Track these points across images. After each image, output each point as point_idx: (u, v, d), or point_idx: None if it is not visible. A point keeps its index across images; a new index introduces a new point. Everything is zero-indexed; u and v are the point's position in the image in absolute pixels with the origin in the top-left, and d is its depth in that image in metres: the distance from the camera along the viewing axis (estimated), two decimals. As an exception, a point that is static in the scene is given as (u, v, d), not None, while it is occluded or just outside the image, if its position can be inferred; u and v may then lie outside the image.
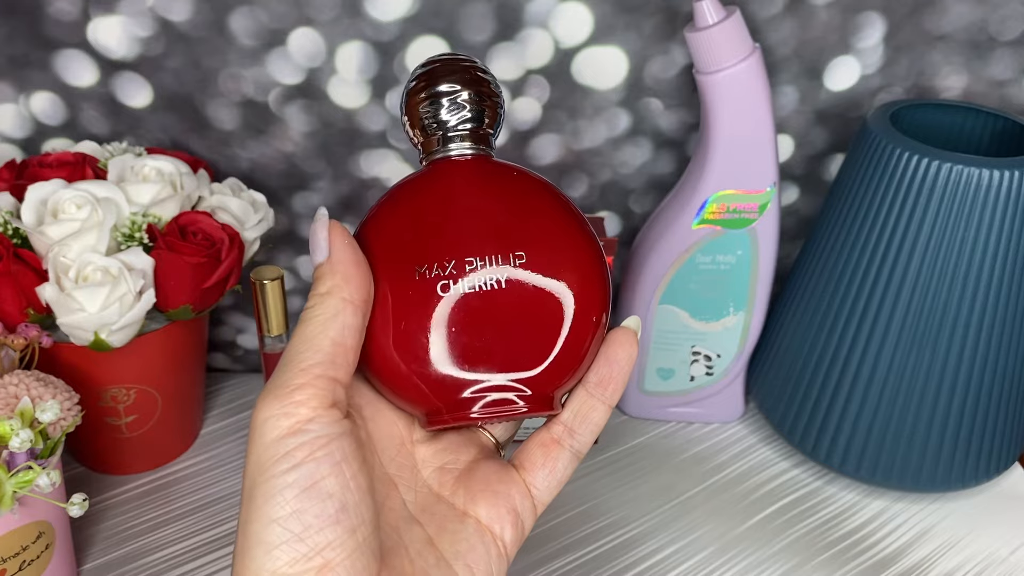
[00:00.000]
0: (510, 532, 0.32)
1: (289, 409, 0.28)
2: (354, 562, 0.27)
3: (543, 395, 0.31)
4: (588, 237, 0.32)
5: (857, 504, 0.55)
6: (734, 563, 0.51)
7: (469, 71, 0.32)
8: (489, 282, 0.30)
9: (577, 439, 0.32)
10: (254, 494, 0.27)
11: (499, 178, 0.32)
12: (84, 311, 0.45)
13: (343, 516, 0.27)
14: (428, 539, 0.31)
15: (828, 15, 0.53)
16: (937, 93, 0.56)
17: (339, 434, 0.28)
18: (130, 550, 0.51)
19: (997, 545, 0.53)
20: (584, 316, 0.31)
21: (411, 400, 0.31)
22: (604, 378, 0.32)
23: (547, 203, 0.32)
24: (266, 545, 0.27)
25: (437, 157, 0.32)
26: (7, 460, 0.40)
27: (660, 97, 0.56)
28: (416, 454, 0.33)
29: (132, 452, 0.54)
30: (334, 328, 0.29)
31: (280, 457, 0.27)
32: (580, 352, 0.31)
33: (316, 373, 0.28)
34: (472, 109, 0.32)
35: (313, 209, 0.59)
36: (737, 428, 0.61)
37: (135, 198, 0.49)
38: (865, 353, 0.51)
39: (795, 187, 0.60)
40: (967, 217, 0.47)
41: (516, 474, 0.33)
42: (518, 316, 0.30)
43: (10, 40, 0.53)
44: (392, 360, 0.30)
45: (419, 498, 0.32)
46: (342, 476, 0.28)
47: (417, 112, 0.32)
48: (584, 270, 0.31)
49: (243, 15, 0.52)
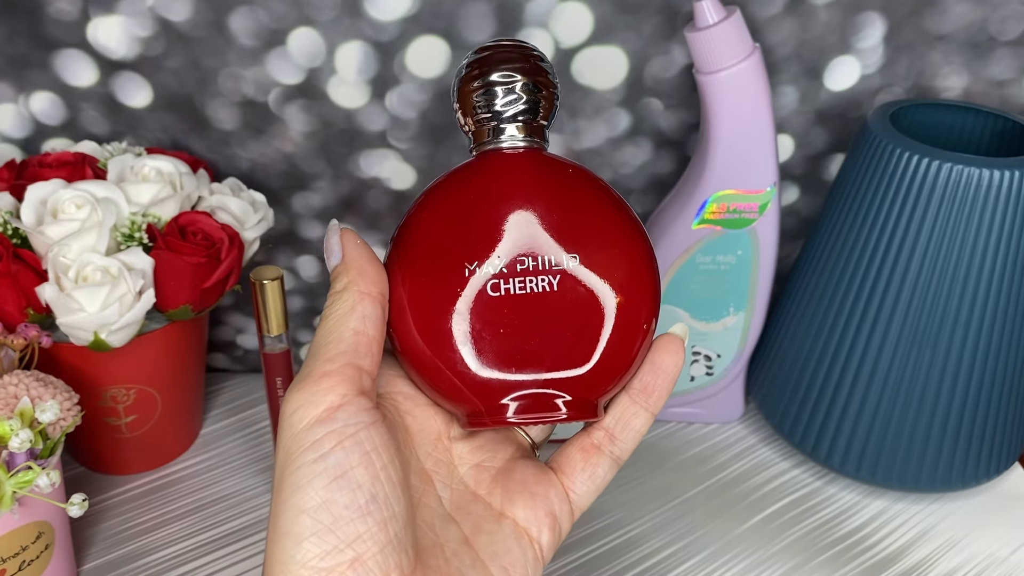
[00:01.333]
0: (547, 536, 0.31)
1: (317, 398, 0.27)
2: (386, 557, 0.27)
3: (587, 401, 0.30)
4: (642, 240, 0.31)
5: (857, 504, 0.55)
6: (734, 563, 0.51)
7: (527, 58, 0.30)
8: (541, 284, 0.29)
9: (618, 445, 0.32)
10: (283, 484, 0.27)
11: (553, 173, 0.31)
12: (84, 311, 0.45)
13: (373, 507, 0.27)
14: (464, 538, 0.30)
15: (828, 15, 0.53)
16: (937, 93, 0.56)
17: (368, 423, 0.27)
18: (130, 550, 0.51)
19: (997, 545, 0.53)
20: (633, 322, 0.30)
21: (453, 399, 0.30)
22: (648, 385, 0.31)
23: (602, 203, 0.31)
24: (295, 536, 0.26)
25: (488, 148, 0.31)
26: (7, 460, 0.40)
27: (660, 97, 0.56)
28: (453, 450, 0.32)
29: (132, 452, 0.54)
30: (354, 319, 0.29)
31: (308, 446, 0.27)
32: (627, 359, 0.30)
33: (342, 362, 0.28)
34: (528, 99, 0.30)
35: (313, 209, 0.59)
36: (737, 428, 0.61)
37: (135, 198, 0.49)
38: (865, 353, 0.51)
39: (795, 187, 0.60)
40: (967, 217, 0.47)
41: (555, 477, 0.32)
42: (567, 319, 0.29)
43: (10, 40, 0.53)
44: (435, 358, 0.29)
45: (455, 496, 0.31)
46: (372, 466, 0.27)
47: (470, 99, 0.31)
48: (636, 275, 0.30)
49: (243, 15, 0.52)
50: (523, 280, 0.29)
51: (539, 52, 0.31)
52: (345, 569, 0.26)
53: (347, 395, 0.27)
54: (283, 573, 0.26)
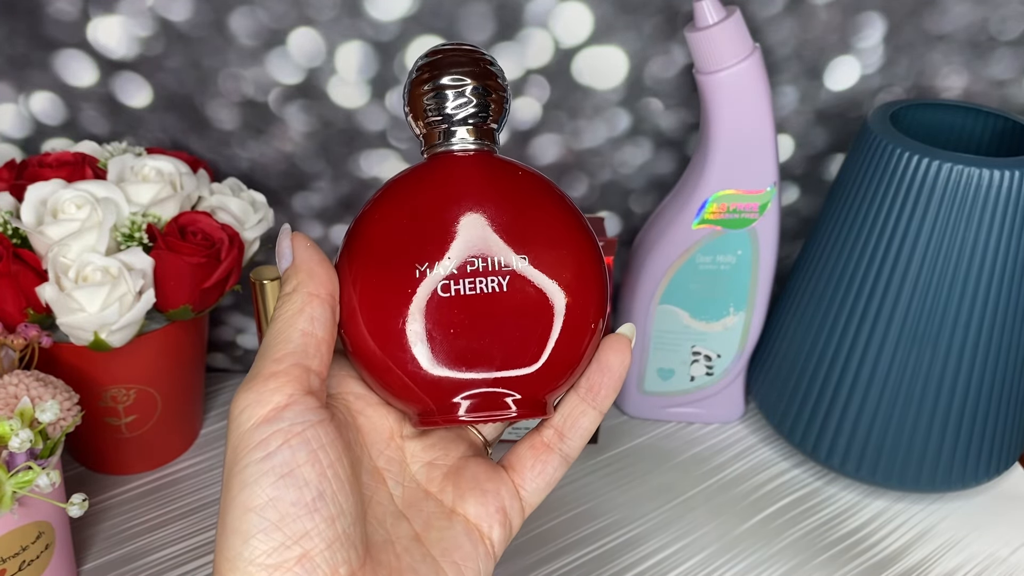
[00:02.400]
0: (498, 531, 0.32)
1: (264, 397, 0.28)
2: (334, 553, 0.27)
3: (536, 400, 0.31)
4: (590, 241, 0.31)
5: (857, 504, 0.55)
6: (734, 563, 0.51)
7: (477, 62, 0.31)
8: (491, 284, 0.30)
9: (567, 443, 0.32)
10: (231, 483, 0.27)
11: (503, 175, 0.31)
12: (84, 311, 0.45)
13: (320, 504, 0.27)
14: (415, 535, 0.31)
15: (828, 15, 0.53)
16: (937, 93, 0.56)
17: (316, 421, 0.28)
18: (130, 550, 0.51)
19: (997, 545, 0.53)
20: (582, 322, 0.30)
21: (403, 399, 0.31)
22: (595, 384, 0.32)
23: (550, 204, 0.31)
24: (242, 534, 0.27)
25: (439, 150, 0.31)
26: (7, 460, 0.40)
27: (660, 97, 0.56)
28: (405, 448, 0.32)
29: (132, 452, 0.54)
30: (302, 320, 0.29)
31: (255, 445, 0.27)
32: (575, 358, 0.31)
33: (290, 362, 0.28)
34: (478, 102, 0.31)
35: (313, 209, 0.59)
36: (737, 428, 0.61)
37: (135, 198, 0.49)
38: (865, 353, 0.51)
39: (795, 187, 0.60)
40: (967, 217, 0.47)
41: (505, 474, 0.33)
42: (516, 319, 0.30)
43: (10, 40, 0.53)
44: (386, 358, 0.30)
45: (407, 493, 0.32)
46: (319, 464, 0.27)
47: (420, 102, 0.31)
48: (585, 275, 0.31)
49: (243, 15, 0.52)
50: (473, 281, 0.30)
51: (489, 56, 0.32)
52: (292, 565, 0.26)
53: (294, 395, 0.28)
54: (232, 570, 0.27)
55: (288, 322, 0.29)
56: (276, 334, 0.29)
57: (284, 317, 0.29)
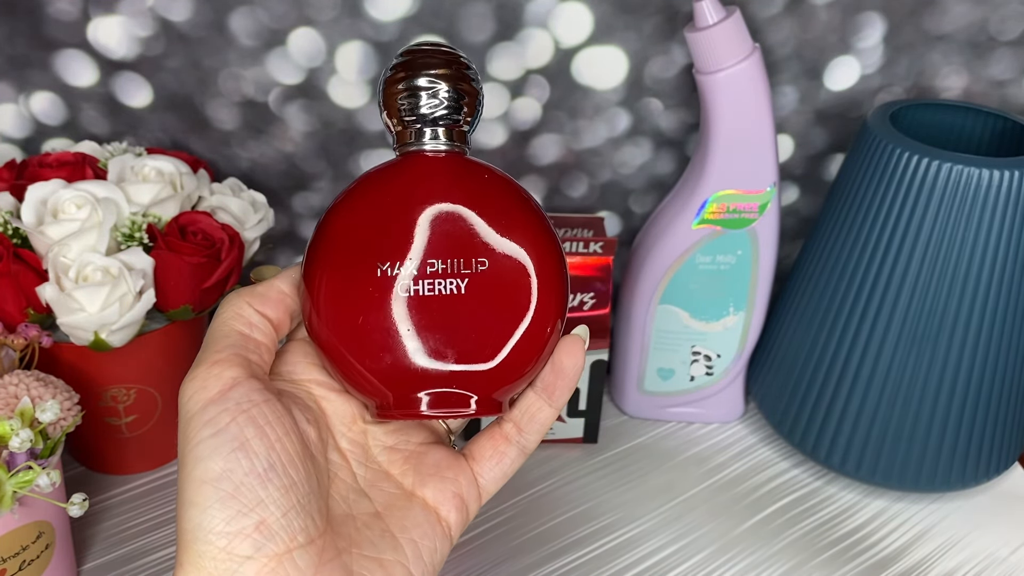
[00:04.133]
0: (455, 515, 0.33)
1: (209, 383, 0.29)
2: (290, 520, 0.28)
3: (490, 399, 0.31)
4: (552, 246, 0.32)
5: (857, 504, 0.55)
6: (734, 563, 0.51)
7: (451, 64, 0.31)
8: (449, 286, 0.30)
9: (524, 436, 0.34)
10: (185, 461, 0.28)
11: (470, 178, 0.32)
12: (84, 311, 0.45)
13: (272, 475, 0.28)
14: (376, 513, 0.32)
15: (828, 15, 0.53)
16: (937, 93, 0.56)
17: (261, 401, 0.29)
18: (130, 550, 0.51)
19: (997, 545, 0.53)
20: (539, 326, 0.31)
21: (362, 391, 0.31)
22: (550, 385, 0.33)
23: (515, 208, 0.32)
24: (199, 506, 0.28)
25: (410, 150, 0.32)
26: (7, 460, 0.40)
27: (660, 97, 0.56)
28: (368, 432, 0.34)
29: (132, 452, 0.54)
30: (240, 324, 0.31)
31: (204, 424, 0.28)
32: (530, 360, 0.31)
33: (231, 352, 0.30)
34: (450, 103, 0.31)
35: (313, 209, 0.59)
36: (737, 428, 0.61)
37: (135, 198, 0.49)
38: (865, 353, 0.51)
39: (795, 187, 0.60)
40: (967, 217, 0.47)
41: (465, 463, 0.34)
42: (474, 321, 0.30)
43: (10, 40, 0.53)
44: (347, 353, 0.31)
45: (369, 474, 0.33)
46: (267, 438, 0.29)
47: (394, 101, 0.31)
48: (545, 280, 0.31)
49: (243, 15, 0.52)
50: (432, 283, 0.30)
51: (465, 58, 0.32)
52: (251, 532, 0.28)
53: (238, 377, 0.29)
54: (193, 541, 0.28)
55: (226, 323, 0.31)
56: (215, 332, 0.31)
57: (222, 319, 0.31)
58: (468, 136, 0.33)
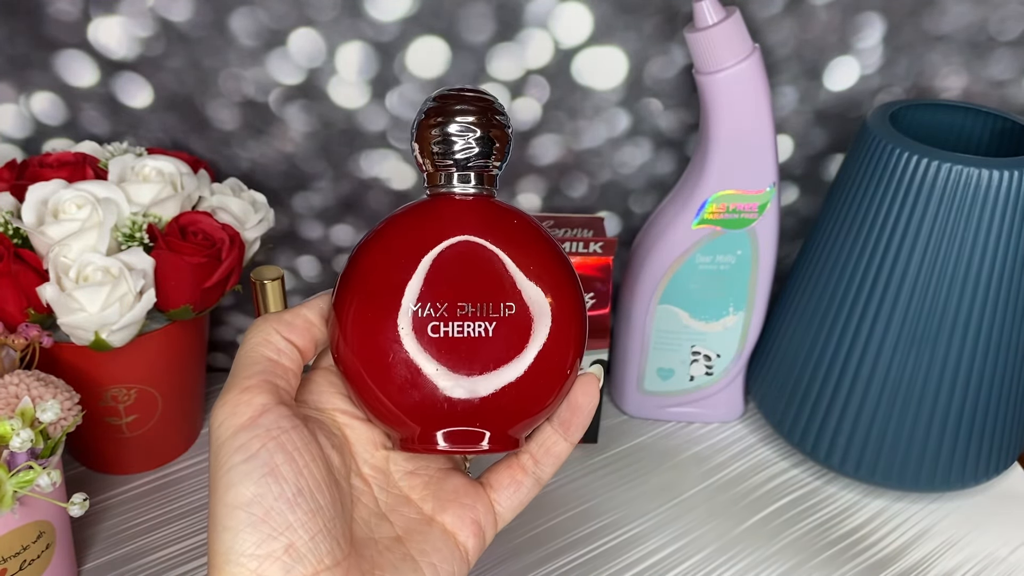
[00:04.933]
0: (473, 541, 0.34)
1: (240, 409, 0.30)
2: (317, 544, 0.29)
3: (508, 435, 0.33)
4: (575, 290, 0.33)
5: (857, 504, 0.55)
6: (734, 563, 0.51)
7: (485, 112, 0.32)
8: (477, 329, 0.31)
9: (540, 468, 0.35)
10: (217, 486, 0.29)
11: (499, 223, 0.33)
12: (84, 311, 0.45)
13: (301, 500, 0.29)
14: (397, 537, 0.33)
15: (828, 15, 0.53)
16: (937, 93, 0.56)
17: (290, 427, 0.30)
18: (130, 550, 0.51)
19: (997, 545, 0.53)
20: (558, 367, 0.32)
21: (389, 424, 0.33)
22: (566, 421, 0.34)
23: (541, 253, 0.33)
24: (232, 530, 0.29)
25: (441, 191, 0.33)
26: (8, 460, 0.40)
27: (660, 97, 0.56)
28: (389, 458, 0.35)
29: (132, 452, 0.54)
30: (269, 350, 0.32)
31: (236, 450, 0.29)
32: (549, 399, 0.33)
33: (260, 379, 0.31)
34: (482, 150, 0.32)
35: (313, 209, 0.59)
36: (737, 428, 0.61)
37: (135, 198, 0.49)
38: (865, 353, 0.51)
39: (795, 187, 0.60)
40: (967, 217, 0.47)
41: (483, 491, 0.35)
42: (498, 362, 0.32)
43: (10, 40, 0.53)
44: (375, 387, 0.32)
45: (390, 499, 0.34)
46: (295, 464, 0.30)
47: (428, 145, 0.32)
48: (567, 324, 0.32)
49: (243, 15, 0.52)
50: (461, 325, 0.31)
51: (497, 104, 0.33)
52: (281, 555, 0.28)
53: (267, 404, 0.30)
54: (225, 563, 0.29)
55: (254, 349, 0.32)
56: (243, 358, 0.32)
57: (250, 344, 0.32)
58: (497, 179, 0.34)
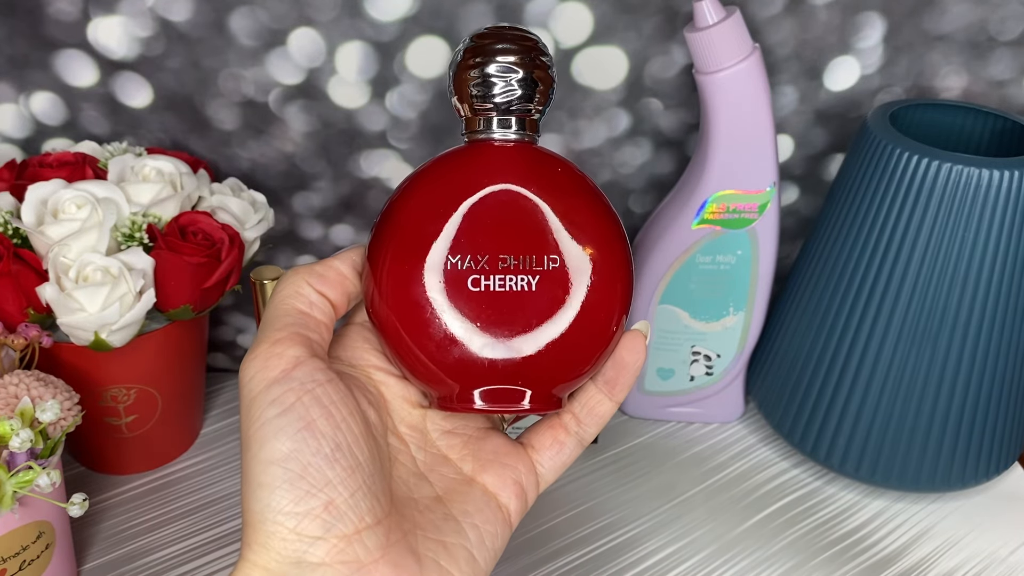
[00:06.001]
0: (515, 503, 0.33)
1: (271, 362, 0.29)
2: (357, 501, 0.28)
3: (551, 395, 0.31)
4: (622, 243, 0.31)
5: (857, 504, 0.55)
6: (734, 563, 0.51)
7: (528, 51, 0.30)
8: (520, 283, 0.30)
9: (583, 428, 0.34)
10: (250, 443, 0.28)
11: (542, 170, 0.31)
12: (84, 311, 0.45)
13: (339, 455, 0.28)
14: (437, 497, 0.32)
15: (828, 15, 0.53)
16: (937, 93, 0.56)
17: (325, 380, 0.29)
18: (130, 550, 0.51)
19: (997, 545, 0.53)
20: (603, 324, 0.31)
21: (425, 381, 0.31)
22: (611, 379, 0.33)
23: (587, 203, 0.31)
24: (268, 487, 0.27)
25: (480, 138, 0.31)
26: (7, 460, 0.40)
27: (660, 97, 0.56)
28: (426, 416, 0.33)
29: (132, 452, 0.54)
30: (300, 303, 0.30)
31: (269, 404, 0.28)
32: (594, 357, 0.31)
33: (292, 331, 0.29)
34: (523, 93, 0.30)
35: (313, 209, 0.59)
36: (737, 428, 0.61)
37: (135, 198, 0.49)
38: (865, 353, 0.51)
39: (795, 187, 0.60)
40: (967, 217, 0.47)
41: (524, 452, 0.34)
42: (541, 318, 0.30)
43: (10, 40, 0.53)
44: (412, 344, 0.30)
45: (428, 458, 0.33)
46: (332, 419, 0.28)
47: (466, 87, 0.30)
48: (612, 279, 0.31)
49: (243, 15, 0.52)
50: (503, 278, 0.30)
51: (541, 44, 0.31)
52: (320, 512, 0.27)
53: (301, 356, 0.29)
54: (261, 522, 0.27)
55: (285, 301, 0.30)
56: (274, 310, 0.30)
57: (281, 296, 0.30)
58: (538, 124, 0.32)
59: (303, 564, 0.27)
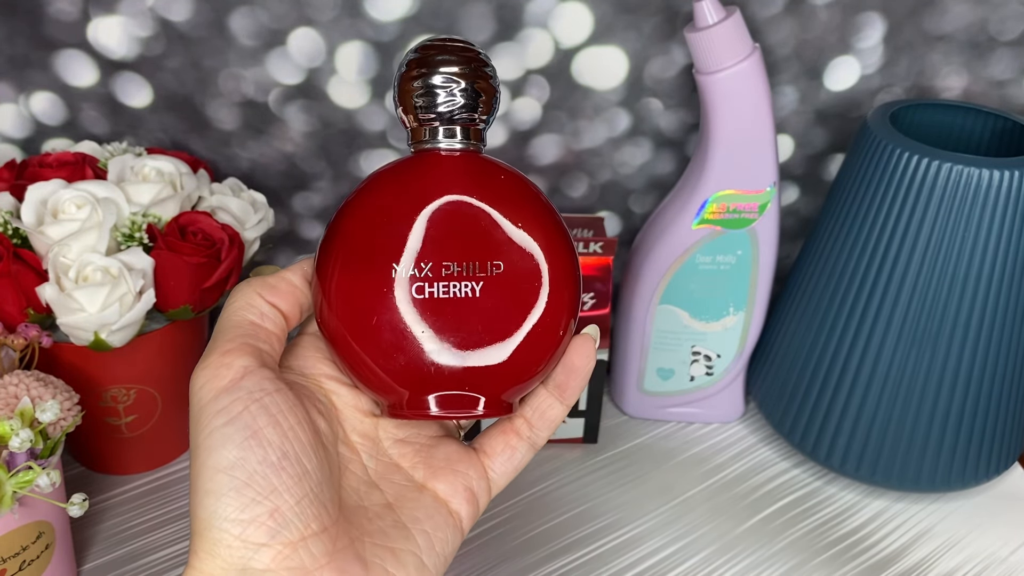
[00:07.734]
0: (466, 508, 0.33)
1: (220, 372, 0.29)
2: (304, 508, 0.28)
3: (500, 400, 0.31)
4: (567, 248, 0.32)
5: (857, 504, 0.55)
6: (734, 563, 0.51)
7: (469, 61, 0.31)
8: (464, 289, 0.30)
9: (535, 432, 0.34)
10: (198, 451, 0.28)
11: (486, 178, 0.31)
12: (84, 311, 0.45)
13: (286, 463, 0.28)
14: (387, 504, 0.32)
15: (828, 15, 0.53)
16: (937, 93, 0.56)
17: (273, 390, 0.29)
18: (130, 550, 0.51)
19: (997, 545, 0.53)
20: (551, 329, 0.31)
21: (375, 390, 0.31)
22: (562, 383, 0.33)
23: (530, 210, 0.31)
24: (215, 494, 0.28)
25: (425, 147, 0.31)
26: (7, 460, 0.40)
27: (660, 97, 0.56)
28: (378, 425, 0.34)
29: (132, 452, 0.54)
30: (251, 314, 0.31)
31: (216, 412, 0.28)
32: (543, 361, 0.31)
33: (241, 342, 0.30)
34: (467, 101, 0.31)
35: (313, 209, 0.59)
36: (737, 428, 0.61)
37: (135, 198, 0.49)
38: (865, 353, 0.51)
39: (795, 187, 0.60)
40: (967, 217, 0.47)
41: (476, 457, 0.34)
42: (486, 323, 0.30)
43: (10, 40, 0.53)
44: (360, 351, 0.30)
45: (379, 466, 0.33)
46: (279, 427, 0.29)
47: (409, 99, 0.31)
48: (558, 283, 0.31)
49: (243, 15, 0.52)
50: (447, 285, 0.30)
51: (483, 55, 0.32)
52: (265, 519, 0.28)
53: (249, 366, 0.29)
54: (208, 529, 0.28)
55: (236, 313, 0.31)
56: (225, 322, 0.31)
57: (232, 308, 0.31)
58: (484, 133, 0.32)
59: (249, 571, 0.28)
